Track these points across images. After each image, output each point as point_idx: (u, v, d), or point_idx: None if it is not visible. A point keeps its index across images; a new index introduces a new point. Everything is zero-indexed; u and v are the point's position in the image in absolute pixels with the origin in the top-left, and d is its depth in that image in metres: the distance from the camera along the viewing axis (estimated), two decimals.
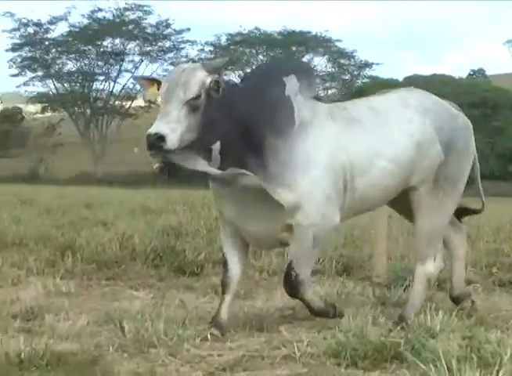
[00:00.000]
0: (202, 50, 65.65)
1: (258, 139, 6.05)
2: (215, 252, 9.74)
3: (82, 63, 63.56)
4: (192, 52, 65.35)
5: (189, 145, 5.77)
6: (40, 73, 62.59)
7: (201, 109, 5.83)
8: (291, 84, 6.29)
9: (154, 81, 6.06)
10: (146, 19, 62.85)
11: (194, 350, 5.68)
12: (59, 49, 62.92)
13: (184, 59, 63.99)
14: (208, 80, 5.86)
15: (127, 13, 62.37)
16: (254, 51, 64.77)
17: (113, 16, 62.39)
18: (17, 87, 65.29)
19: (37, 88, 64.55)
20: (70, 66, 63.47)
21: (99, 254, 9.47)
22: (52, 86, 63.77)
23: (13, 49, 61.15)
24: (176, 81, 5.85)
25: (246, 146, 6.03)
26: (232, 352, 5.67)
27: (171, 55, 64.82)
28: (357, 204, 6.44)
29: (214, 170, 5.88)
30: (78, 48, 62.59)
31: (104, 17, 62.38)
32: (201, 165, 5.90)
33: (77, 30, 62.09)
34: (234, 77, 64.50)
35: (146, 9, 62.85)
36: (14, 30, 61.48)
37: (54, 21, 62.26)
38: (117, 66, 63.97)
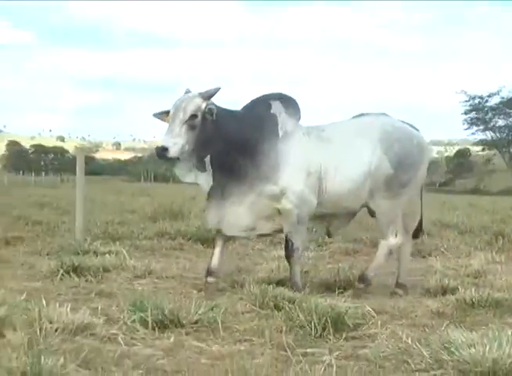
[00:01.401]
0: None
1: (250, 147, 5.43)
2: None
3: (508, 121, 64.10)
4: None
5: (189, 156, 5.30)
6: (481, 127, 64.19)
7: (198, 127, 5.27)
8: (277, 106, 5.62)
9: (167, 113, 5.43)
10: None
11: None
12: (493, 113, 64.14)
13: None
14: (203, 105, 5.30)
15: None
16: None
17: None
18: (467, 136, 68.07)
19: (480, 136, 66.53)
20: (500, 123, 64.38)
21: None
22: (489, 135, 65.47)
23: (465, 113, 64.07)
24: (179, 106, 5.32)
25: (238, 154, 5.41)
26: None
27: None
28: (330, 200, 5.61)
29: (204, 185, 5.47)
30: (506, 111, 63.34)
31: None
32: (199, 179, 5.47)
33: (505, 100, 62.62)
34: None
35: None
36: (466, 101, 63.92)
37: (491, 95, 63.57)
38: None
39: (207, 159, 5.40)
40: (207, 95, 5.34)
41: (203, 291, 5.54)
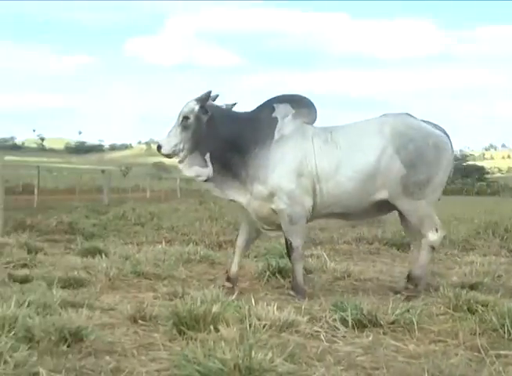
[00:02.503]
0: None
1: (244, 148, 5.40)
2: None
3: None
4: None
5: (189, 152, 5.40)
6: None
7: (192, 127, 5.39)
8: (282, 109, 5.47)
9: None
10: None
11: None
12: None
13: None
14: (196, 107, 5.40)
15: None
16: None
17: None
18: None
19: None
20: None
21: None
22: None
23: None
24: (180, 111, 5.45)
25: (234, 154, 5.40)
26: None
27: None
28: (329, 201, 5.39)
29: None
30: None
31: None
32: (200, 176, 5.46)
33: None
34: None
35: None
36: None
37: None
38: None
39: (207, 156, 5.45)
40: (200, 99, 5.45)
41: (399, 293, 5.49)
